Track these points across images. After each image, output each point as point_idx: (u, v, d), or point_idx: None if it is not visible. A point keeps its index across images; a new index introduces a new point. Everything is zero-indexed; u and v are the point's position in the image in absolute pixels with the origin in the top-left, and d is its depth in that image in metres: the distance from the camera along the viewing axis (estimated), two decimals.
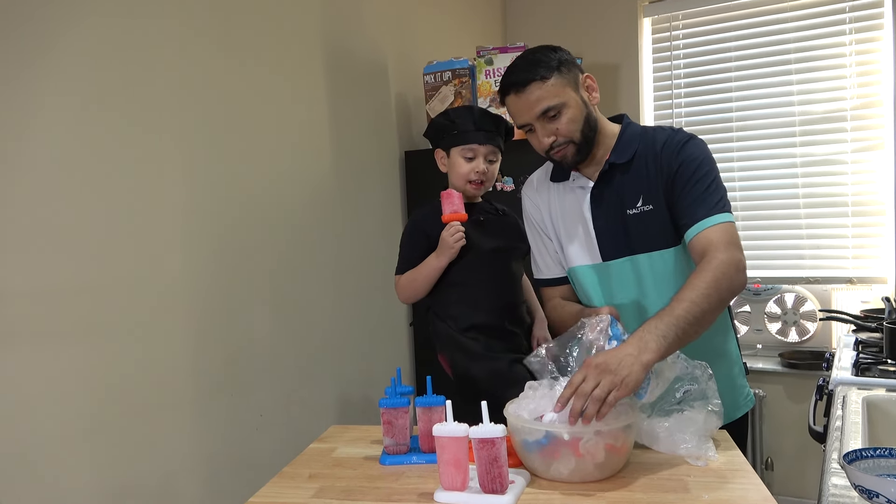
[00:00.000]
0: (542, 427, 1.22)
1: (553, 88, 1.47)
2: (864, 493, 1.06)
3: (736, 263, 1.39)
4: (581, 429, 1.19)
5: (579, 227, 1.62)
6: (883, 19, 3.09)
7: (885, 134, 3.10)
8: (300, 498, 1.22)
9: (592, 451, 1.21)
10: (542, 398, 1.29)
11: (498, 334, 1.83)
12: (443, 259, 1.79)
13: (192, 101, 1.92)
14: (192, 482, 1.89)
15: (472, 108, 1.90)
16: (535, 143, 1.56)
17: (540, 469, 1.26)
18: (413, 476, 1.30)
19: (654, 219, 1.52)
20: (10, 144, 1.49)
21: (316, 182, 2.41)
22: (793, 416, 3.17)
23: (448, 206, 1.78)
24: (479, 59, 2.73)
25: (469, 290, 1.84)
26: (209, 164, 1.98)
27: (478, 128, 1.84)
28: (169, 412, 1.83)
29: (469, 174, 1.84)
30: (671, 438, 1.34)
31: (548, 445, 1.22)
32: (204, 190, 1.95)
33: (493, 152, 1.87)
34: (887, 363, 2.09)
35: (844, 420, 1.60)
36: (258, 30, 2.16)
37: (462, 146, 1.84)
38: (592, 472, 1.23)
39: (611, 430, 1.21)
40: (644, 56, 3.59)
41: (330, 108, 2.47)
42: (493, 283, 1.85)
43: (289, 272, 2.26)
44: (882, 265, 3.15)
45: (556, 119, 1.49)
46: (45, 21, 1.55)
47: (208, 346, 1.95)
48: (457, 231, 1.77)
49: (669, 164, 1.51)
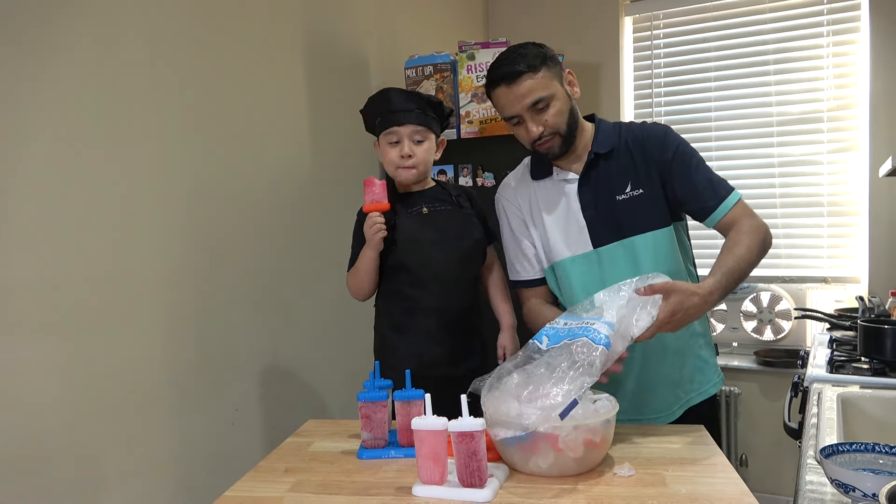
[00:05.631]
0: (520, 422, 1.21)
1: (543, 81, 1.52)
2: (840, 487, 1.07)
3: (766, 227, 1.56)
4: (560, 424, 1.18)
5: (566, 219, 1.64)
6: (860, 22, 3.13)
7: (860, 135, 3.14)
8: (276, 492, 1.20)
9: (571, 445, 1.20)
10: (517, 387, 1.28)
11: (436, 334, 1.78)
12: (368, 252, 1.73)
13: (171, 96, 1.89)
14: (168, 476, 1.87)
15: (389, 89, 1.79)
16: (522, 134, 1.59)
17: (519, 463, 1.25)
18: (391, 470, 1.29)
19: (646, 202, 1.58)
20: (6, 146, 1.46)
21: (295, 177, 2.39)
22: (767, 413, 3.20)
23: (368, 196, 1.70)
24: (461, 53, 2.72)
25: (405, 287, 1.79)
26: (188, 161, 1.95)
27: (395, 109, 1.75)
28: (145, 405, 1.80)
29: (395, 159, 1.76)
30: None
31: (527, 440, 1.21)
32: (182, 185, 1.93)
33: (417, 132, 1.75)
34: (861, 361, 2.11)
35: (820, 416, 1.61)
36: (241, 24, 2.14)
37: (385, 132, 1.77)
38: (571, 466, 1.22)
39: (589, 425, 1.21)
40: (625, 55, 3.60)
41: (311, 102, 2.45)
42: (432, 280, 1.77)
43: (265, 267, 2.24)
44: (856, 265, 3.19)
45: (544, 111, 1.53)
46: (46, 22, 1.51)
47: (184, 340, 1.92)
48: (374, 223, 1.68)
49: (660, 152, 1.58)
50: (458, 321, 1.80)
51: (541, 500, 1.13)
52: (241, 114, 2.15)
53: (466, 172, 2.67)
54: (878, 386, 1.86)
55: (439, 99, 1.83)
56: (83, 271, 1.65)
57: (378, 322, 1.89)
